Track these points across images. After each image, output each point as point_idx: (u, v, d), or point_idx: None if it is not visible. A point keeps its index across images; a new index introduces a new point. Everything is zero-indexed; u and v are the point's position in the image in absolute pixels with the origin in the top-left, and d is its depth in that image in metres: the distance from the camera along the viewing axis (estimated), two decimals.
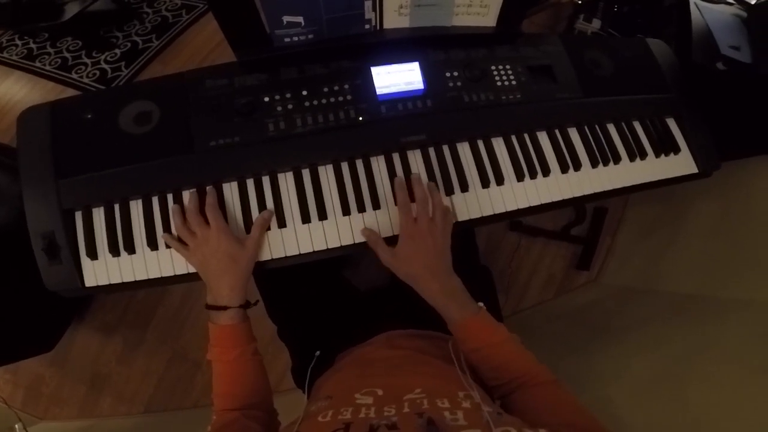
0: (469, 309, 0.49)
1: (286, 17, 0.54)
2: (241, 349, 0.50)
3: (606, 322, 0.99)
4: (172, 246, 0.53)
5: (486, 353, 0.47)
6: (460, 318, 0.48)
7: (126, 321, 1.22)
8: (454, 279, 0.51)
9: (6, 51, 1.57)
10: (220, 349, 0.50)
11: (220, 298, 0.50)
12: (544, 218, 1.31)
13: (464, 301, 0.50)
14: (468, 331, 0.49)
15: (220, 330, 0.50)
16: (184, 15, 1.59)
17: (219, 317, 0.50)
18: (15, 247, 0.70)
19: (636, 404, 0.64)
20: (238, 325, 0.50)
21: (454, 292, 0.50)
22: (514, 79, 0.62)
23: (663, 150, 0.66)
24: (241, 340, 0.50)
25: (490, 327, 0.49)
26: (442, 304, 0.49)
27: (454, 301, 0.49)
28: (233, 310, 0.50)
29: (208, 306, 0.51)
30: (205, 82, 0.57)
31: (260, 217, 0.53)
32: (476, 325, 0.49)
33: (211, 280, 0.51)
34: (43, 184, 0.52)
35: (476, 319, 0.49)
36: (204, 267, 0.51)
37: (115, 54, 1.52)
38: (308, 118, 0.56)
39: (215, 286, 0.50)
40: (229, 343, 0.50)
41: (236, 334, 0.50)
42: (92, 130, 0.55)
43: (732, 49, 0.73)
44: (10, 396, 1.18)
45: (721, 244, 0.90)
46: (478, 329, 0.48)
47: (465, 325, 0.48)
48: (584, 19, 1.20)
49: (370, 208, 0.56)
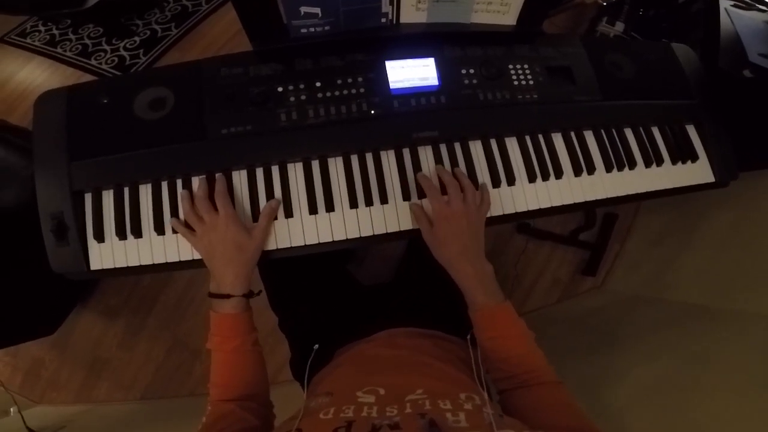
0: (497, 297, 0.50)
1: (303, 8, 0.53)
2: (242, 339, 0.49)
3: (610, 328, 0.98)
4: (179, 231, 0.52)
5: (501, 343, 0.48)
6: (486, 304, 0.49)
7: (129, 306, 1.23)
8: (486, 264, 0.51)
9: (29, 37, 1.60)
10: (220, 338, 0.49)
11: (223, 286, 0.50)
12: (552, 222, 1.29)
13: (493, 288, 0.50)
14: (491, 319, 0.49)
15: (222, 318, 0.49)
16: (203, 4, 1.60)
17: (221, 306, 0.50)
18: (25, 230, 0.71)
19: (636, 412, 0.63)
20: (240, 314, 0.50)
21: (485, 276, 0.50)
22: (532, 79, 0.61)
23: (680, 157, 0.64)
24: (241, 330, 0.50)
25: (512, 318, 0.49)
26: (472, 287, 0.50)
27: (483, 286, 0.50)
28: (236, 299, 0.49)
29: (211, 294, 0.51)
30: (220, 70, 0.57)
31: (268, 206, 0.53)
32: (501, 314, 0.49)
33: (216, 267, 0.50)
34: (56, 165, 0.53)
35: (501, 308, 0.49)
36: (210, 254, 0.50)
37: (135, 41, 1.54)
38: (320, 109, 0.56)
39: (220, 273, 0.50)
40: (230, 333, 0.49)
41: (237, 323, 0.50)
42: (107, 114, 0.56)
43: (762, 57, 0.71)
44: (9, 379, 1.19)
45: (733, 255, 0.88)
46: (501, 318, 0.49)
47: (490, 312, 0.49)
48: (607, 22, 1.17)
49: (378, 202, 0.55)
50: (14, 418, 1.01)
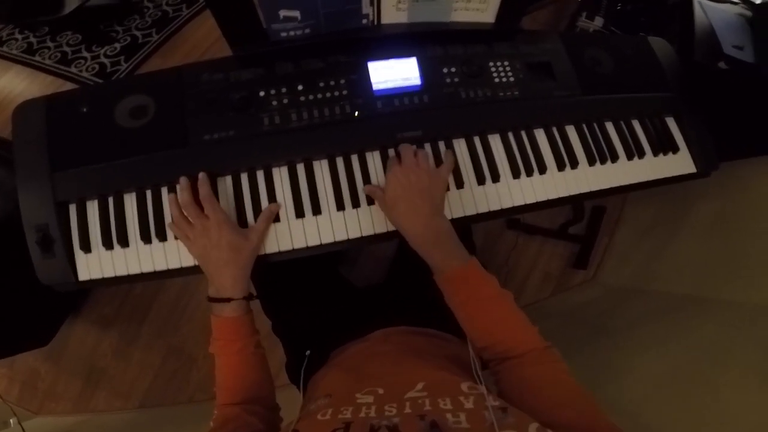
0: (457, 256, 0.46)
1: (282, 12, 0.53)
2: (244, 341, 0.49)
3: (602, 321, 0.99)
4: (177, 236, 0.52)
5: (474, 307, 0.45)
6: (446, 267, 0.46)
7: (123, 315, 1.22)
8: (441, 222, 0.48)
9: (6, 45, 1.56)
10: (223, 341, 0.49)
11: (223, 290, 0.49)
12: (541, 217, 1.31)
13: (451, 246, 0.47)
14: (454, 282, 0.46)
15: (223, 322, 0.49)
16: (184, 10, 1.58)
17: (222, 309, 0.49)
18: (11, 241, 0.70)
19: (630, 404, 0.64)
20: (241, 317, 0.49)
21: (440, 236, 0.47)
22: (512, 76, 0.61)
23: (661, 149, 0.65)
24: (243, 333, 0.49)
25: (479, 278, 0.45)
26: (427, 251, 0.48)
27: (439, 247, 0.47)
28: (236, 302, 0.49)
29: (211, 298, 0.50)
30: (201, 76, 0.57)
31: (267, 209, 0.53)
32: (464, 274, 0.46)
33: (212, 271, 0.50)
34: (38, 177, 0.52)
35: (464, 269, 0.46)
36: (204, 258, 0.50)
37: (115, 48, 1.52)
38: (303, 112, 0.56)
39: (217, 277, 0.49)
40: (232, 336, 0.49)
41: (239, 326, 0.49)
42: (88, 123, 0.55)
43: (735, 48, 0.72)
44: (6, 390, 1.19)
45: (720, 244, 0.90)
46: (465, 279, 0.45)
47: (452, 273, 0.46)
48: (587, 17, 1.19)
49: (365, 204, 0.56)
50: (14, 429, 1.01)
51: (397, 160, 0.53)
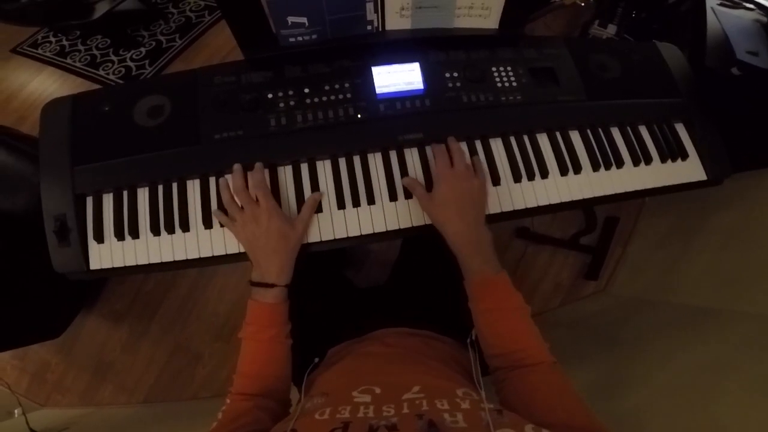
0: (492, 266, 0.49)
1: (290, 18, 0.56)
2: (278, 329, 0.50)
3: (613, 332, 0.96)
4: (221, 221, 0.54)
5: (496, 316, 0.47)
6: (480, 272, 0.48)
7: (134, 310, 1.26)
8: (484, 232, 0.51)
9: (41, 47, 1.68)
10: (257, 327, 0.49)
11: (268, 276, 0.50)
12: (552, 226, 1.29)
13: (490, 257, 0.49)
14: (486, 288, 0.48)
15: (261, 307, 0.50)
16: (206, 16, 1.66)
17: (264, 295, 0.50)
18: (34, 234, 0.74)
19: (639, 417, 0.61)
20: (280, 304, 0.50)
21: (482, 244, 0.50)
22: (515, 81, 0.62)
23: (670, 155, 0.64)
24: (278, 320, 0.50)
25: (508, 290, 0.48)
26: (467, 254, 0.50)
27: (479, 254, 0.49)
28: (278, 289, 0.50)
29: (253, 282, 0.51)
30: (214, 78, 0.60)
31: (311, 198, 0.55)
32: (495, 284, 0.48)
33: (260, 257, 0.51)
34: (60, 170, 0.56)
35: (497, 279, 0.48)
36: (252, 244, 0.51)
37: (141, 52, 1.60)
38: (308, 114, 0.58)
39: (265, 263, 0.50)
40: (267, 322, 0.50)
41: (276, 313, 0.50)
42: (108, 121, 0.59)
43: (750, 54, 0.71)
44: (16, 382, 1.22)
45: (736, 256, 0.86)
46: (496, 289, 0.48)
47: (485, 280, 0.48)
48: (599, 25, 1.18)
49: (365, 203, 0.57)
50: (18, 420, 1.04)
51: (447, 162, 0.54)
